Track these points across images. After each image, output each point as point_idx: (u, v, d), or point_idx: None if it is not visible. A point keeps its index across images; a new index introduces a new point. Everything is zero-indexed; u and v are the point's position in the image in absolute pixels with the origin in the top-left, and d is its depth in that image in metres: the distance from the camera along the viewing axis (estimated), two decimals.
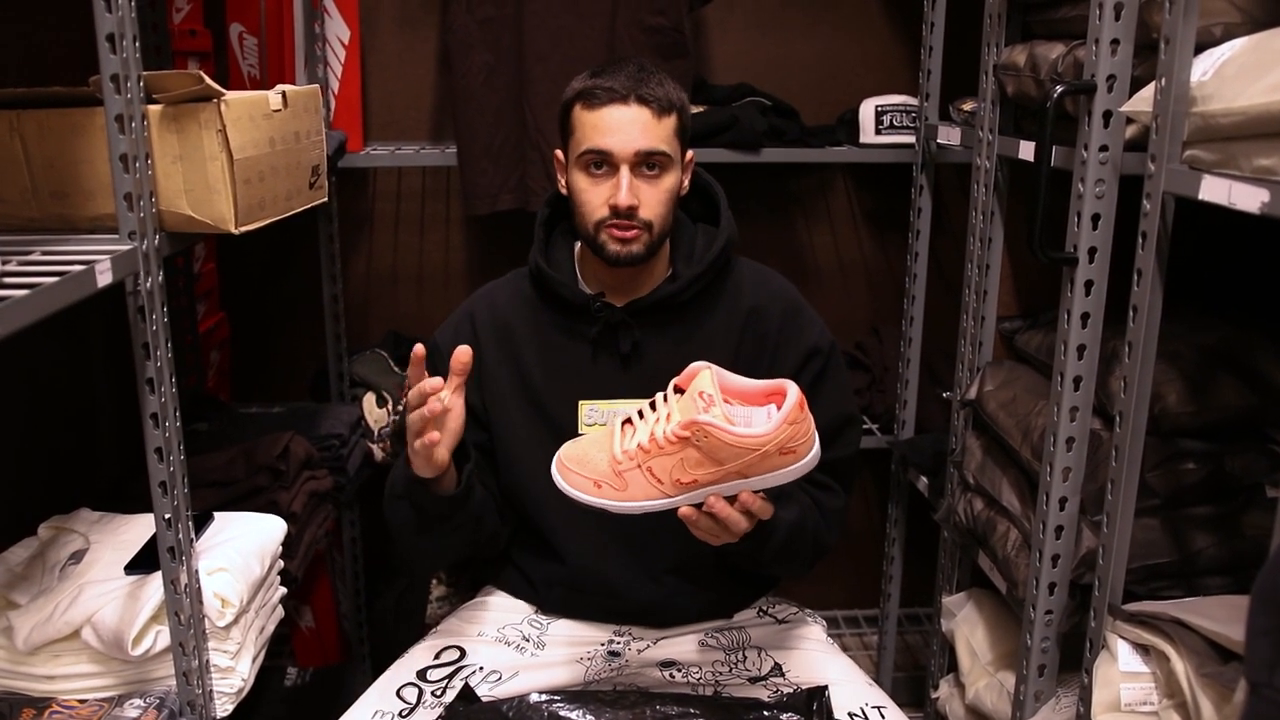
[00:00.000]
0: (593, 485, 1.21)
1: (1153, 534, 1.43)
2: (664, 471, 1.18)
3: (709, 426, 1.14)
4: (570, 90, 1.45)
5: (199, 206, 1.23)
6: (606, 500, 1.20)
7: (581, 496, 1.22)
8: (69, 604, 1.33)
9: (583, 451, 1.24)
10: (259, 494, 1.70)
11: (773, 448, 1.15)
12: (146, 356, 1.22)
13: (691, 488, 1.18)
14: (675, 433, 1.16)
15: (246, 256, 2.38)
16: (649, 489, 1.19)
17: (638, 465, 1.19)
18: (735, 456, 1.15)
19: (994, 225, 1.76)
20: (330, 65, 2.14)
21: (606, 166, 1.42)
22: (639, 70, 1.42)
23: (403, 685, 1.45)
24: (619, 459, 1.20)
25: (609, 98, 1.40)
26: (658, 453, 1.17)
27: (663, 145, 1.41)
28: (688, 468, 1.17)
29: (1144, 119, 1.22)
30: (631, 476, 1.19)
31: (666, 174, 1.44)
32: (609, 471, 1.20)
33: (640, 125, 1.40)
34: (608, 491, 1.20)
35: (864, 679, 1.49)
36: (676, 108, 1.44)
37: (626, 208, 1.40)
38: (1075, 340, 1.39)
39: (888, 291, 2.52)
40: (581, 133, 1.42)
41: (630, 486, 1.19)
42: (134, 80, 1.14)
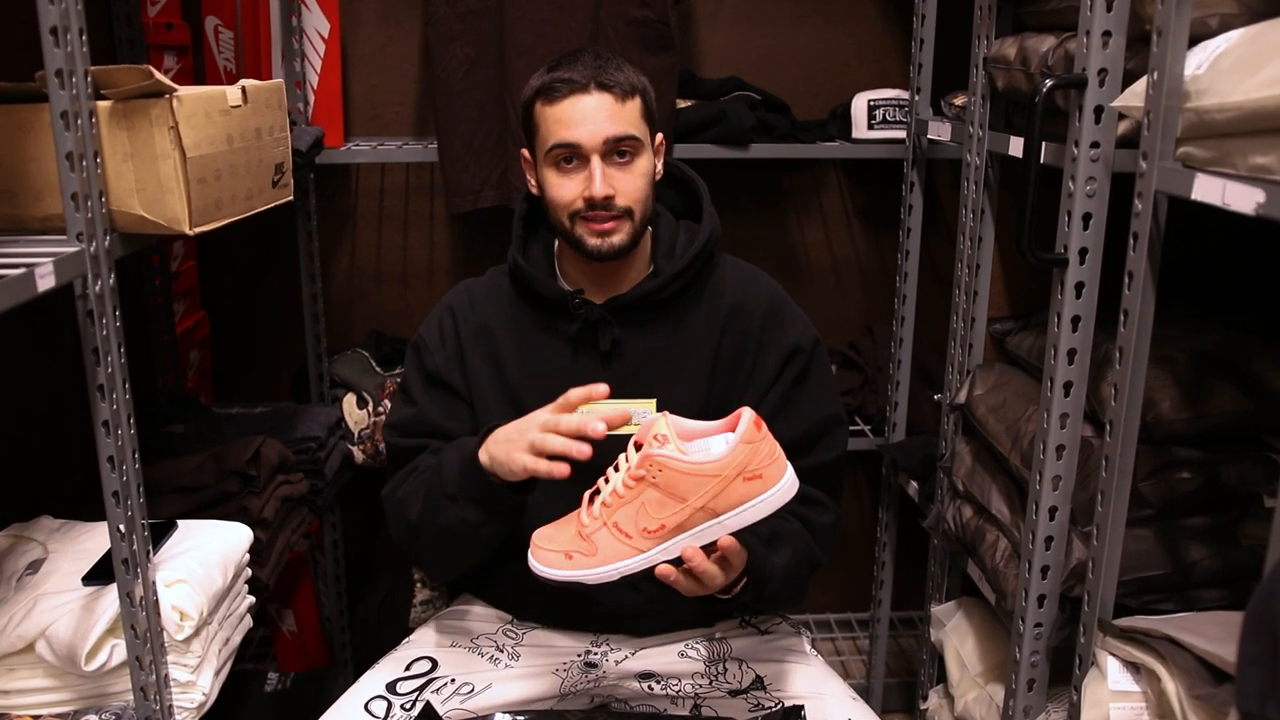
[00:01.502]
0: (563, 558, 1.16)
1: (1145, 545, 1.38)
2: (629, 523, 1.13)
3: (661, 459, 1.10)
4: (529, 88, 1.42)
5: (151, 206, 1.18)
6: (579, 571, 1.15)
7: (554, 573, 1.16)
8: (23, 616, 1.29)
9: (553, 529, 1.19)
10: (229, 500, 1.66)
11: (732, 472, 1.11)
12: (97, 362, 1.17)
13: (660, 536, 1.13)
14: (632, 475, 1.12)
15: (228, 254, 2.34)
16: (618, 547, 1.14)
17: (603, 524, 1.14)
18: (696, 488, 1.11)
19: (985, 224, 1.71)
20: (309, 59, 2.09)
21: (576, 159, 1.38)
22: (596, 58, 1.39)
23: (371, 698, 1.41)
24: (585, 522, 1.15)
25: (569, 89, 1.36)
26: (618, 503, 1.13)
27: (630, 129, 1.38)
28: (650, 512, 1.12)
29: (1136, 114, 1.18)
30: (599, 538, 1.14)
31: (638, 158, 1.40)
32: (577, 538, 1.15)
33: (605, 112, 1.36)
34: (579, 560, 1.15)
35: (848, 693, 1.45)
36: (639, 90, 1.40)
37: (603, 198, 1.37)
38: (1065, 344, 1.34)
39: (882, 290, 2.47)
40: (546, 129, 1.38)
41: (600, 549, 1.14)
42: (80, 75, 1.10)
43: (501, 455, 1.26)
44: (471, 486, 1.31)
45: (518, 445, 1.23)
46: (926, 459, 1.99)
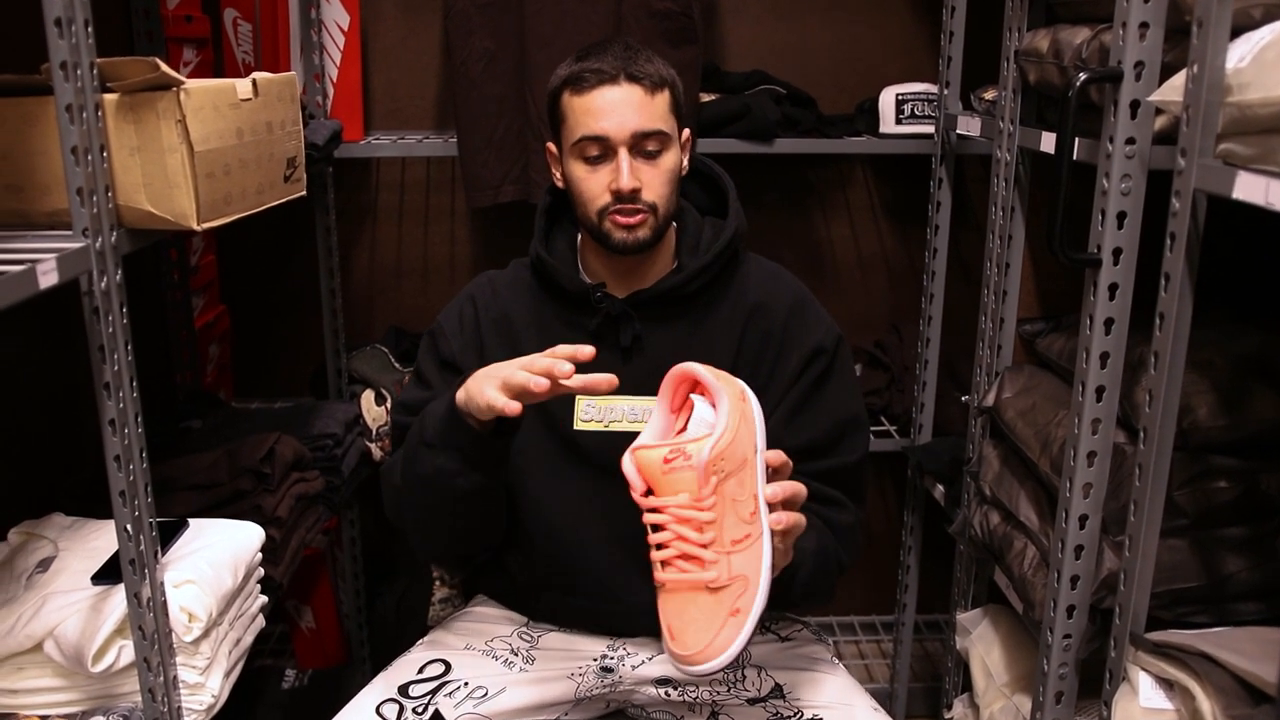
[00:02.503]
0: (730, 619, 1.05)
1: (1180, 556, 1.33)
2: (736, 528, 1.06)
3: (715, 448, 1.04)
4: (556, 78, 1.39)
5: (158, 201, 1.16)
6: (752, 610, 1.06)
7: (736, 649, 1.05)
8: (32, 615, 1.28)
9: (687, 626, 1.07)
10: (242, 498, 1.64)
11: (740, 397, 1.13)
12: (104, 360, 1.15)
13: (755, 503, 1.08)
14: (700, 501, 1.04)
15: (248, 249, 2.33)
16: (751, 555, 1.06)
17: (726, 554, 1.05)
18: (747, 437, 1.09)
19: (1014, 222, 1.66)
20: (329, 52, 2.07)
21: (604, 151, 1.35)
22: (625, 49, 1.36)
23: (383, 701, 1.39)
24: (711, 580, 1.05)
25: (598, 80, 1.33)
26: (718, 527, 1.05)
27: (659, 123, 1.35)
28: (740, 499, 1.06)
29: (1174, 109, 1.13)
30: (736, 565, 1.05)
31: (666, 153, 1.37)
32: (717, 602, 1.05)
33: (633, 105, 1.33)
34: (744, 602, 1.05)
35: (869, 703, 1.41)
36: (668, 83, 1.38)
37: (630, 191, 1.34)
38: (1098, 348, 1.30)
39: (909, 288, 2.42)
40: (573, 120, 1.36)
41: (747, 573, 1.06)
42: (85, 68, 1.08)
43: (475, 390, 1.23)
44: (449, 432, 1.28)
45: (491, 381, 1.21)
46: (953, 462, 1.94)
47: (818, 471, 1.41)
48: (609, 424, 1.42)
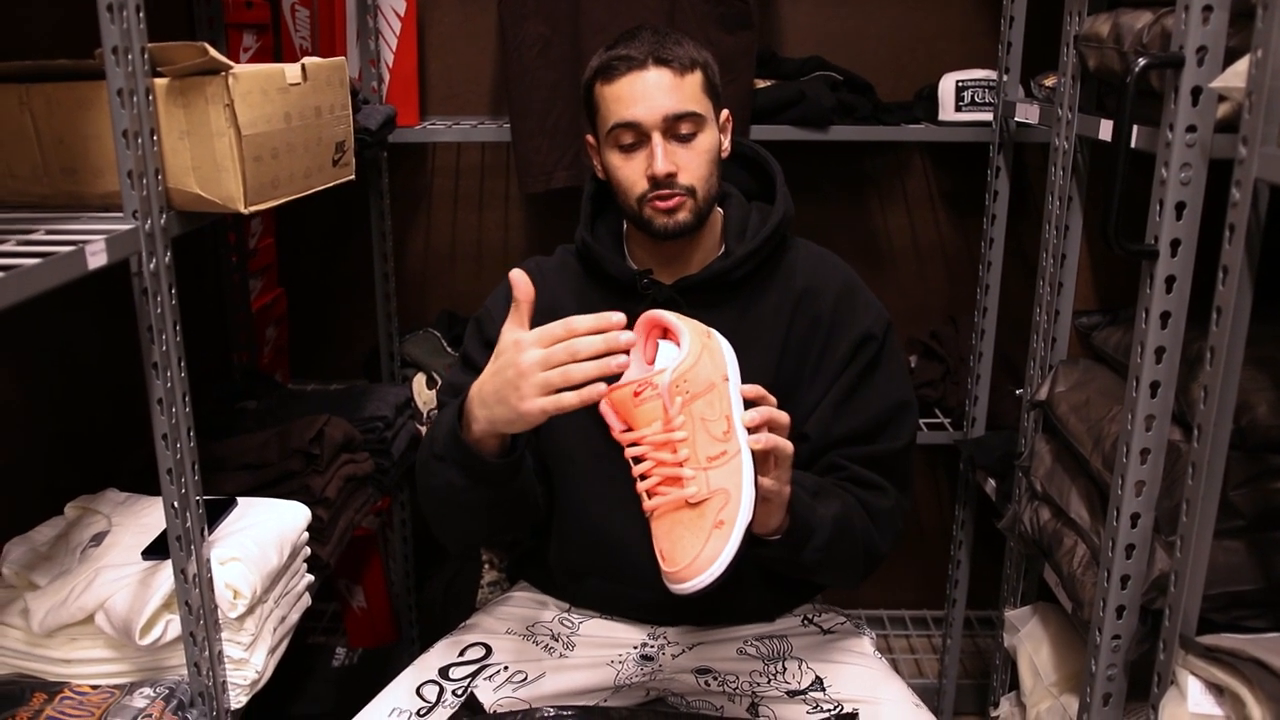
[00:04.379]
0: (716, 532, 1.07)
1: (1236, 558, 1.30)
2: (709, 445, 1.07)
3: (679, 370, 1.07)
4: (588, 69, 1.39)
5: (206, 184, 1.18)
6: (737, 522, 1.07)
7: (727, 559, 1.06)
8: (84, 588, 1.31)
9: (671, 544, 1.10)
10: (291, 478, 1.66)
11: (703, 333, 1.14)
12: (152, 340, 1.17)
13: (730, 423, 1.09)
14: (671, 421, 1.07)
15: (306, 232, 2.36)
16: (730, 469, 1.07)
17: (704, 469, 1.07)
18: (712, 365, 1.10)
19: (1072, 212, 1.62)
20: (385, 38, 2.09)
21: (638, 138, 1.35)
22: (654, 34, 1.35)
23: (424, 682, 1.41)
24: (692, 495, 1.07)
25: (627, 67, 1.33)
26: (690, 445, 1.07)
27: (691, 105, 1.34)
28: (711, 418, 1.08)
29: (1237, 96, 1.09)
30: (715, 478, 1.07)
31: (701, 134, 1.36)
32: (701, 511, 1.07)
33: (663, 88, 1.32)
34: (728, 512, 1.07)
35: (911, 698, 1.39)
36: (700, 64, 1.36)
37: (665, 175, 1.33)
38: (1153, 342, 1.26)
39: (967, 278, 2.37)
40: (606, 109, 1.35)
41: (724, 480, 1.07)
42: (136, 52, 1.09)
43: (505, 414, 1.15)
44: (455, 450, 1.24)
45: (524, 394, 1.12)
46: (1005, 456, 1.91)
47: (862, 456, 1.39)
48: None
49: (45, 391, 1.58)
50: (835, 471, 1.40)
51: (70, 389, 1.64)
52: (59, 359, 1.61)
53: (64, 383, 1.62)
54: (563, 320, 1.11)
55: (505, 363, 1.14)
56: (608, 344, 1.09)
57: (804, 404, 1.41)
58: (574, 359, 1.09)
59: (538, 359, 1.10)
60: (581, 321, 1.11)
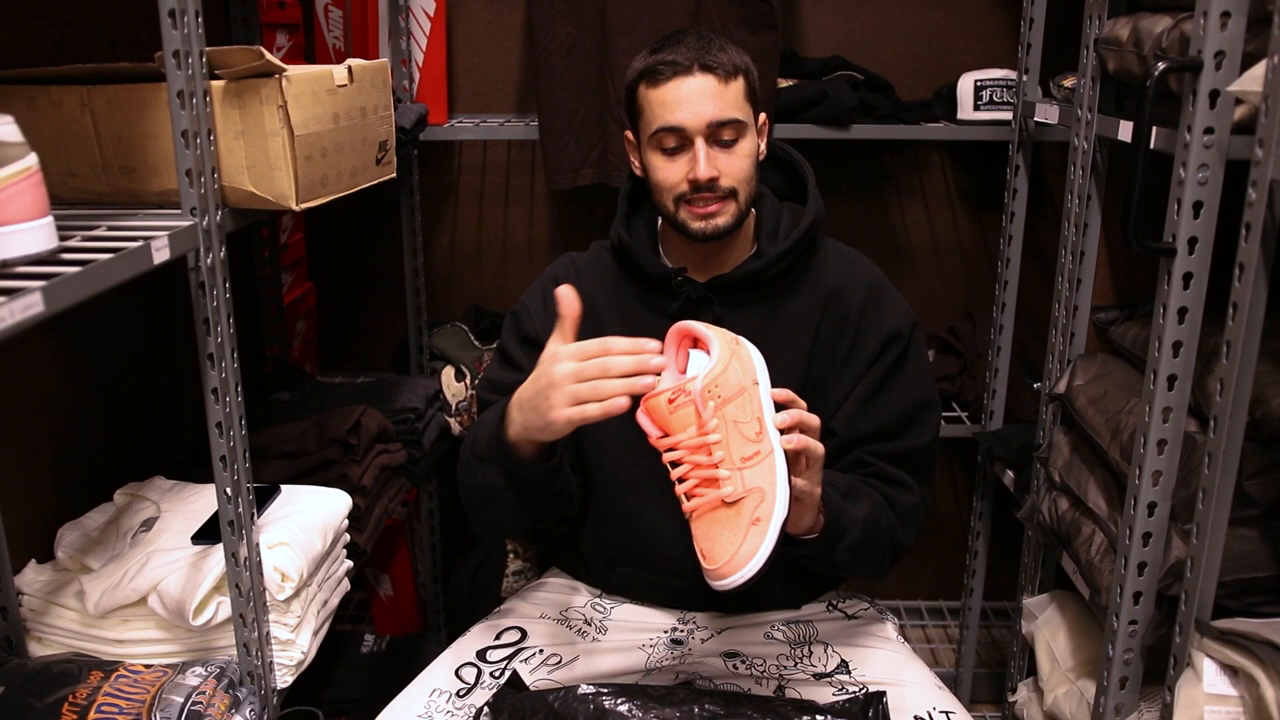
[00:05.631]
0: (753, 529, 1.11)
1: (1250, 546, 1.34)
2: (743, 446, 1.12)
3: (708, 378, 1.11)
4: (632, 71, 1.42)
5: (260, 183, 1.22)
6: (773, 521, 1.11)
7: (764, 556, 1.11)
8: (137, 571, 1.36)
9: (710, 543, 1.14)
10: (329, 467, 1.71)
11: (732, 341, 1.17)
12: (208, 332, 1.22)
13: (761, 425, 1.13)
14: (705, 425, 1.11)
15: (335, 228, 2.41)
16: (763, 469, 1.12)
17: (738, 470, 1.12)
18: (743, 370, 1.14)
19: (1090, 210, 1.66)
20: (415, 37, 2.13)
21: (681, 142, 1.38)
22: (699, 39, 1.38)
23: (462, 664, 1.45)
24: (728, 495, 1.11)
25: (673, 72, 1.36)
26: (724, 448, 1.11)
27: (734, 112, 1.37)
28: (744, 419, 1.12)
29: (1254, 99, 1.13)
30: (750, 479, 1.11)
31: (742, 139, 1.39)
32: (735, 514, 1.12)
33: (708, 94, 1.36)
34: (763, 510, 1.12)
35: (934, 681, 1.44)
36: (742, 70, 1.39)
37: (707, 180, 1.37)
38: (1171, 336, 1.30)
39: (984, 274, 2.41)
40: (650, 112, 1.39)
41: (763, 487, 1.12)
42: (195, 56, 1.14)
43: (536, 421, 1.19)
44: (496, 451, 1.28)
45: (553, 403, 1.15)
46: (1023, 449, 1.95)
47: (887, 453, 1.44)
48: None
49: (94, 384, 1.63)
50: (861, 467, 1.45)
51: (117, 382, 1.69)
52: (107, 353, 1.66)
53: (111, 376, 1.67)
54: (600, 339, 1.15)
55: (542, 372, 1.18)
56: (639, 364, 1.13)
57: (831, 400, 1.46)
58: (605, 375, 1.13)
59: (571, 371, 1.14)
60: (618, 343, 1.14)
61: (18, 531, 1.41)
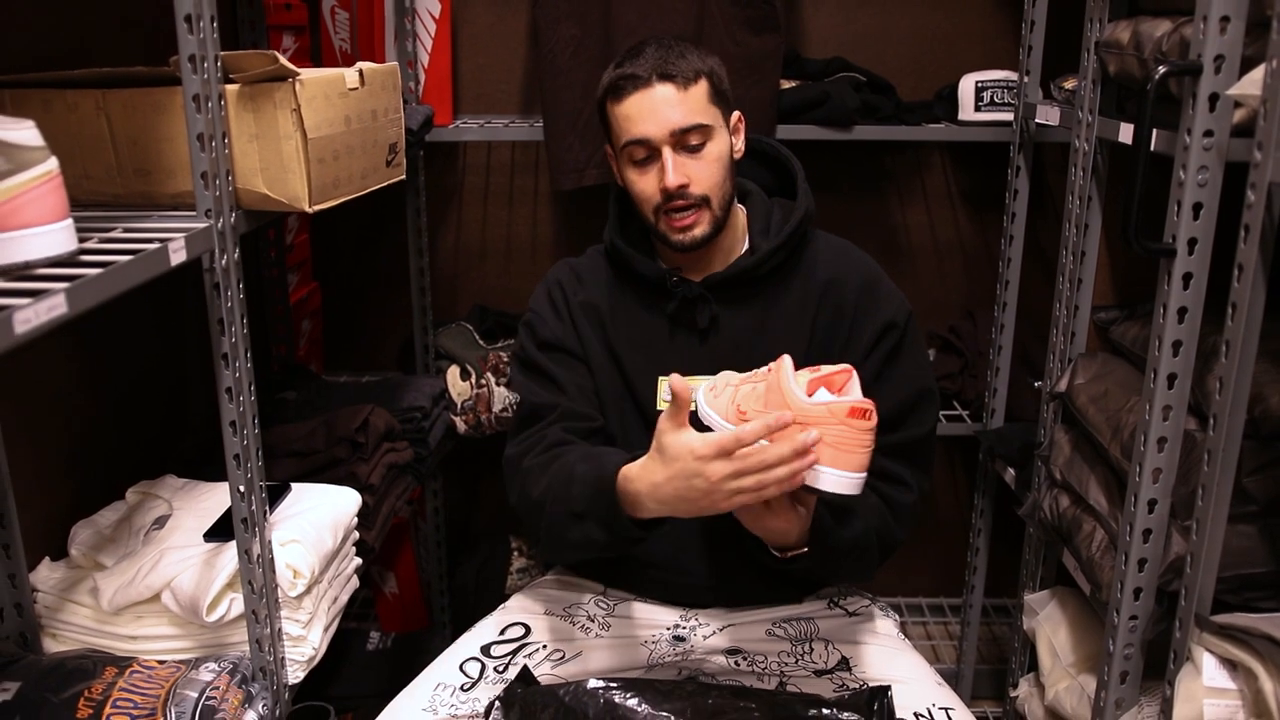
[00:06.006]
0: (709, 386, 1.27)
1: (1249, 542, 1.35)
2: (741, 397, 1.21)
3: (782, 367, 1.16)
4: (600, 87, 1.45)
5: (274, 185, 1.24)
6: (701, 398, 1.25)
7: (701, 389, 1.25)
8: (150, 568, 1.37)
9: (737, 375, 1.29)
10: (338, 465, 1.73)
11: (800, 418, 1.11)
12: (222, 332, 1.24)
13: (742, 419, 1.19)
14: (769, 366, 1.20)
15: (340, 229, 2.42)
16: (726, 407, 1.22)
17: (737, 385, 1.23)
18: (776, 407, 1.14)
19: (1091, 211, 1.68)
20: (420, 39, 2.15)
21: (649, 153, 1.41)
22: (658, 48, 1.41)
23: (466, 659, 1.47)
24: (738, 377, 1.26)
25: (633, 86, 1.40)
26: (748, 380, 1.23)
27: (697, 117, 1.39)
28: (749, 400, 1.19)
29: (1252, 103, 1.15)
30: (727, 392, 1.24)
31: (710, 143, 1.42)
32: (724, 382, 1.26)
33: (669, 103, 1.38)
34: (708, 395, 1.25)
35: (934, 678, 1.46)
36: (704, 73, 1.41)
37: (676, 188, 1.39)
38: (1171, 335, 1.32)
39: (984, 273, 2.43)
40: (618, 127, 1.43)
41: (719, 398, 1.24)
42: (211, 60, 1.16)
43: (692, 510, 1.16)
44: (603, 510, 1.25)
45: (717, 501, 1.14)
46: (1024, 447, 1.97)
47: (887, 445, 1.45)
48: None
49: (106, 384, 1.64)
50: None
51: (128, 382, 1.70)
52: (118, 354, 1.67)
53: (123, 376, 1.69)
54: (733, 434, 1.11)
55: (689, 472, 1.13)
56: (795, 451, 1.10)
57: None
58: (763, 468, 1.10)
59: (729, 471, 1.11)
60: (751, 431, 1.11)
61: (32, 529, 1.42)
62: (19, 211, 0.95)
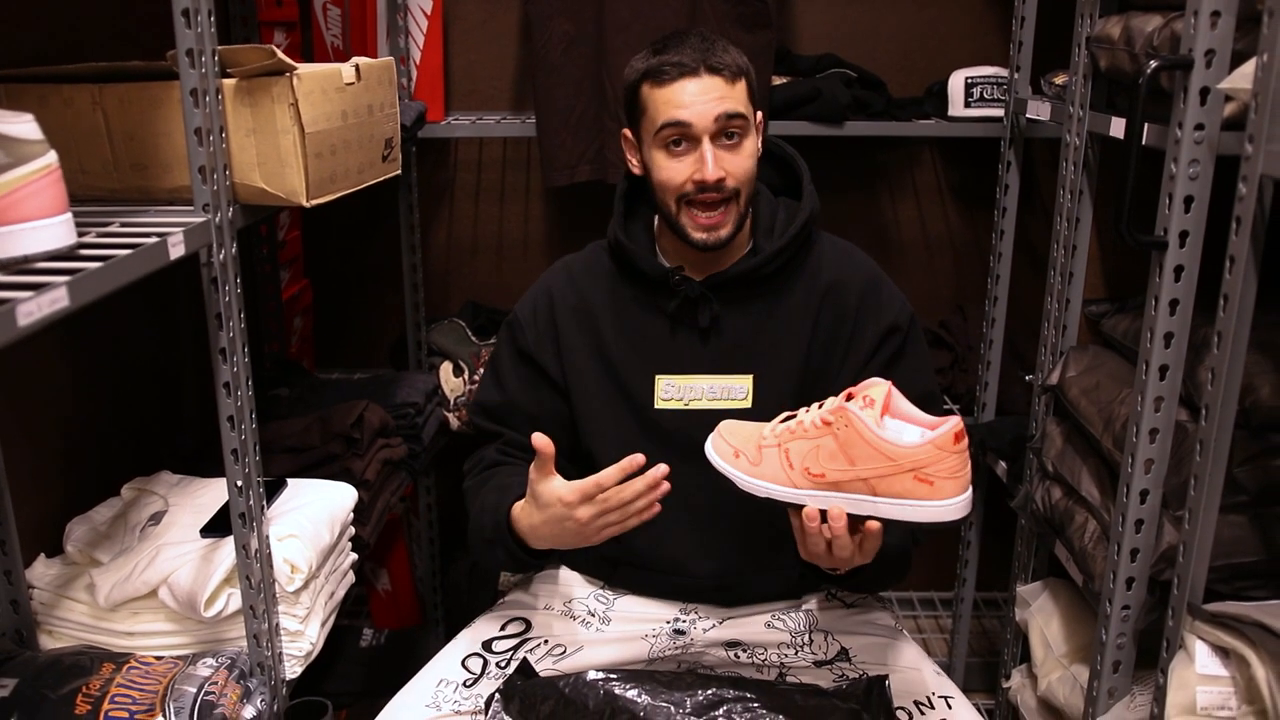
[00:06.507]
0: (732, 454, 1.22)
1: (1239, 531, 1.37)
2: (798, 456, 1.17)
3: (853, 416, 1.12)
4: (634, 70, 1.43)
5: (271, 179, 1.24)
6: (736, 472, 1.21)
7: (717, 461, 1.23)
8: (147, 564, 1.37)
9: (742, 427, 1.25)
10: (333, 461, 1.73)
11: (907, 464, 1.11)
12: (220, 327, 1.24)
13: (819, 482, 1.15)
14: (822, 417, 1.16)
15: (331, 225, 2.42)
16: (779, 472, 1.18)
17: (778, 444, 1.19)
18: (868, 459, 1.12)
19: (1082, 205, 1.69)
20: (412, 35, 2.15)
21: (686, 141, 1.40)
22: (702, 40, 1.40)
23: (468, 655, 1.47)
24: (765, 435, 1.21)
25: (679, 72, 1.38)
26: (800, 435, 1.17)
27: (740, 107, 1.40)
28: (821, 459, 1.15)
29: (1243, 97, 1.16)
30: (769, 454, 1.19)
31: (746, 138, 1.41)
32: (753, 446, 1.21)
33: (715, 94, 1.38)
34: (741, 464, 1.21)
35: (932, 667, 1.47)
36: (745, 72, 1.42)
37: (715, 180, 1.39)
38: (1162, 328, 1.33)
39: (974, 269, 2.45)
40: (655, 109, 1.40)
41: (764, 464, 1.19)
42: (209, 55, 1.16)
43: (571, 544, 1.33)
44: (504, 540, 1.39)
45: (589, 536, 1.29)
46: (1016, 440, 1.98)
47: None
48: (689, 403, 1.48)
49: (100, 380, 1.64)
50: None
51: (122, 378, 1.70)
52: (112, 350, 1.67)
53: (117, 372, 1.68)
54: (593, 479, 1.25)
55: (559, 516, 1.28)
56: (648, 485, 1.24)
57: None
58: (622, 505, 1.25)
59: (594, 514, 1.26)
60: (609, 476, 1.24)
61: (27, 526, 1.42)
62: (18, 205, 0.95)
